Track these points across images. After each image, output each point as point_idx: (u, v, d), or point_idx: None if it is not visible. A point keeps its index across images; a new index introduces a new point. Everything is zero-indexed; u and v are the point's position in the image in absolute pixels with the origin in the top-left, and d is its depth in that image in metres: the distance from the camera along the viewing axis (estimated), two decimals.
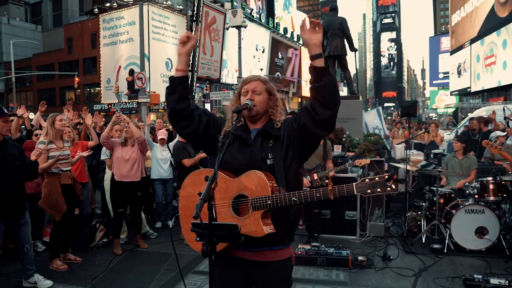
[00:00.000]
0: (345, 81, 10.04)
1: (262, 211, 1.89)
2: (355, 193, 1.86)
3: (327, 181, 1.71)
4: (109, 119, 5.96)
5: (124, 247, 5.43)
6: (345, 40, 8.65)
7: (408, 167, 6.05)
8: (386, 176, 1.84)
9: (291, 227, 2.10)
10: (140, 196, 5.48)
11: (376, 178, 1.85)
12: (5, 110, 3.93)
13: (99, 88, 31.02)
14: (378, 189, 1.85)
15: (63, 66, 34.59)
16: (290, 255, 2.11)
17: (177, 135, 6.02)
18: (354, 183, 1.87)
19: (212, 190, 1.62)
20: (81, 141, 5.83)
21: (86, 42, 32.87)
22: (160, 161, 6.32)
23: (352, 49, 8.90)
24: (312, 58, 1.90)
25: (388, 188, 1.84)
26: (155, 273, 4.53)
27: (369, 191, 1.86)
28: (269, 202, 1.88)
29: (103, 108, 29.69)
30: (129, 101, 27.44)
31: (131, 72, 27.24)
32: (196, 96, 29.92)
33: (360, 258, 4.70)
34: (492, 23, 32.69)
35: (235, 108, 1.97)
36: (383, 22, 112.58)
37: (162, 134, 6.45)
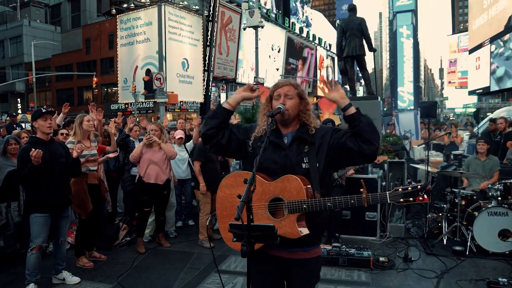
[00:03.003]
0: (362, 81, 10.01)
1: (298, 214, 1.96)
2: (388, 201, 1.92)
3: (362, 189, 1.69)
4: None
5: (147, 245, 5.55)
6: (364, 40, 8.62)
7: (429, 168, 6.02)
8: (419, 187, 1.89)
9: (323, 229, 2.17)
10: (165, 196, 5.58)
11: (409, 188, 1.90)
12: (43, 109, 4.10)
13: (116, 88, 31.44)
14: (411, 199, 1.90)
15: (81, 66, 35.20)
16: (319, 253, 2.21)
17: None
18: (387, 192, 1.93)
19: (251, 193, 1.68)
20: (100, 145, 5.96)
21: (103, 42, 33.37)
22: (178, 162, 6.39)
23: (371, 49, 8.86)
24: (344, 109, 2.07)
25: (420, 198, 1.89)
26: (179, 271, 4.62)
27: (401, 200, 1.91)
28: (304, 206, 1.95)
29: (120, 107, 30.12)
30: (146, 100, 27.74)
31: (148, 72, 27.52)
32: (212, 96, 30.10)
33: (381, 259, 4.71)
34: None
35: (270, 113, 2.04)
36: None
37: (179, 134, 6.53)
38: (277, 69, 38.62)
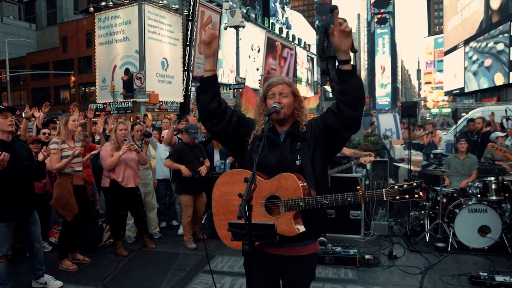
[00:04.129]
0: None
1: (294, 212, 1.97)
2: (385, 199, 1.95)
3: (358, 187, 1.71)
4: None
5: (131, 247, 5.48)
6: None
7: (406, 166, 6.16)
8: (415, 184, 1.92)
9: (320, 225, 2.17)
10: (140, 197, 5.51)
11: (405, 185, 1.93)
12: (1, 106, 3.86)
13: (94, 88, 30.88)
14: (407, 196, 1.92)
15: (58, 65, 34.38)
16: (316, 249, 2.22)
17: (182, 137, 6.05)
18: (384, 189, 1.95)
19: (252, 191, 1.68)
20: (90, 144, 5.85)
21: (81, 41, 32.71)
22: (164, 161, 6.34)
23: (353, 50, 8.96)
24: (341, 63, 1.97)
25: (416, 195, 1.91)
26: (165, 272, 4.57)
27: (398, 197, 1.93)
28: (301, 204, 1.96)
29: (98, 107, 29.59)
30: (125, 100, 27.35)
31: (127, 71, 27.15)
32: (191, 96, 29.95)
33: (367, 256, 4.78)
34: (485, 25, 33.09)
35: (266, 112, 2.04)
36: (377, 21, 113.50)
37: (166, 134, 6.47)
38: (257, 69, 38.70)
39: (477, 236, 5.10)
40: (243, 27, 19.59)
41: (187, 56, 28.41)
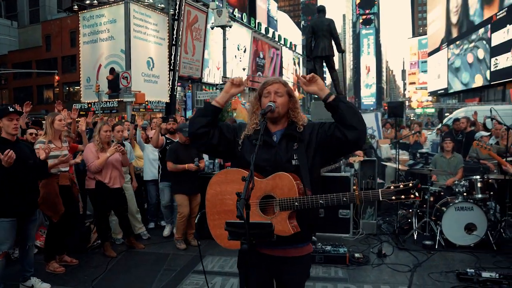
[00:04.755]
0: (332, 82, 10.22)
1: (289, 212, 1.97)
2: (381, 199, 1.96)
3: (354, 187, 1.72)
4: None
5: (120, 248, 5.42)
6: (333, 41, 8.78)
7: (395, 165, 6.24)
8: (411, 184, 1.94)
9: (313, 225, 2.18)
10: (125, 196, 5.46)
11: (401, 186, 1.94)
12: (10, 108, 3.85)
13: (78, 87, 30.40)
14: (402, 196, 1.94)
15: (41, 64, 33.69)
16: (310, 250, 2.23)
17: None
18: (380, 190, 1.96)
19: (250, 190, 1.67)
20: (72, 144, 5.74)
21: (65, 39, 32.17)
22: (153, 162, 6.29)
23: (340, 50, 9.03)
24: (325, 100, 2.10)
25: (412, 196, 1.93)
26: (155, 273, 4.53)
27: (394, 197, 1.95)
28: (296, 204, 1.97)
29: (83, 107, 29.15)
30: (110, 100, 27.02)
31: (112, 70, 26.81)
32: (177, 96, 29.75)
33: (356, 255, 4.82)
34: (467, 27, 33.80)
35: (262, 111, 2.05)
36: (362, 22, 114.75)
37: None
38: (244, 69, 38.71)
39: (464, 233, 5.19)
40: (230, 26, 19.56)
41: (173, 56, 28.16)
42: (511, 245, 5.30)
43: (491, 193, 5.51)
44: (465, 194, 5.38)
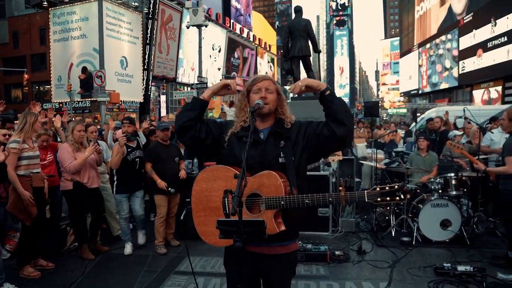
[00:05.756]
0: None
1: (275, 211, 1.97)
2: (366, 200, 1.98)
3: (340, 188, 1.69)
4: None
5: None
6: (309, 41, 8.85)
7: (373, 164, 6.36)
8: (396, 186, 1.96)
9: (299, 224, 2.19)
10: (102, 196, 5.37)
11: (387, 188, 1.96)
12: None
13: (49, 86, 29.49)
14: (388, 198, 1.96)
15: (8, 62, 32.43)
16: (297, 247, 2.24)
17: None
18: (365, 191, 1.99)
19: (243, 188, 1.66)
20: (53, 143, 5.57)
21: (34, 36, 31.08)
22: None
23: (316, 50, 9.13)
24: (322, 93, 2.12)
25: (397, 198, 1.96)
26: (136, 275, 4.44)
27: (379, 199, 1.97)
28: (282, 202, 1.97)
29: (54, 107, 28.30)
30: (82, 100, 26.34)
31: (84, 70, 26.15)
32: (152, 96, 29.32)
33: (337, 252, 4.88)
34: (438, 30, 34.84)
35: (251, 108, 2.04)
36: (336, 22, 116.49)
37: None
38: (219, 69, 38.58)
39: (439, 229, 5.34)
40: (206, 26, 19.40)
41: (147, 55, 27.74)
42: (483, 239, 5.50)
43: (465, 190, 5.69)
44: (440, 191, 5.54)
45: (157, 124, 5.64)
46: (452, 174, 5.62)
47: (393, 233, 5.64)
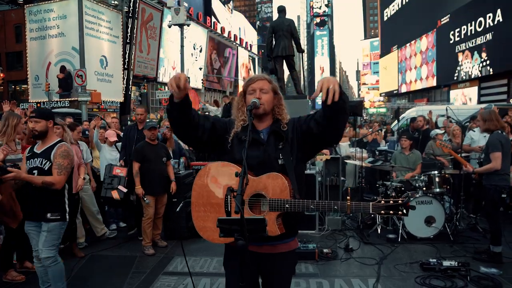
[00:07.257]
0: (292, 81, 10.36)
1: (278, 213, 1.98)
2: (371, 211, 2.01)
3: (348, 197, 1.69)
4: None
5: (84, 251, 5.19)
6: (293, 41, 8.89)
7: (358, 163, 6.45)
8: (400, 201, 1.99)
9: (299, 222, 2.21)
10: (79, 200, 5.28)
11: (391, 201, 1.99)
12: None
13: (26, 86, 28.75)
14: (391, 212, 2.00)
15: None
16: (296, 246, 2.24)
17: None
18: (371, 203, 2.01)
19: (245, 186, 1.66)
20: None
21: (9, 34, 30.20)
22: (111, 162, 6.07)
23: (299, 50, 9.18)
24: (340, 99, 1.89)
25: (400, 212, 1.99)
26: (124, 276, 4.38)
27: (383, 212, 2.00)
28: (287, 205, 1.97)
29: (34, 106, 27.61)
30: (61, 99, 25.79)
31: (63, 69, 25.62)
32: (132, 95, 28.93)
33: (325, 250, 4.92)
34: (416, 31, 35.52)
35: (249, 106, 2.03)
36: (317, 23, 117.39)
37: (112, 135, 6.23)
38: (200, 68, 38.38)
39: (424, 226, 5.46)
40: (188, 25, 19.32)
41: (127, 54, 27.36)
42: (465, 235, 5.64)
43: (448, 187, 5.83)
44: (424, 188, 5.65)
45: (145, 124, 5.57)
46: (436, 172, 5.74)
47: (379, 231, 5.73)
